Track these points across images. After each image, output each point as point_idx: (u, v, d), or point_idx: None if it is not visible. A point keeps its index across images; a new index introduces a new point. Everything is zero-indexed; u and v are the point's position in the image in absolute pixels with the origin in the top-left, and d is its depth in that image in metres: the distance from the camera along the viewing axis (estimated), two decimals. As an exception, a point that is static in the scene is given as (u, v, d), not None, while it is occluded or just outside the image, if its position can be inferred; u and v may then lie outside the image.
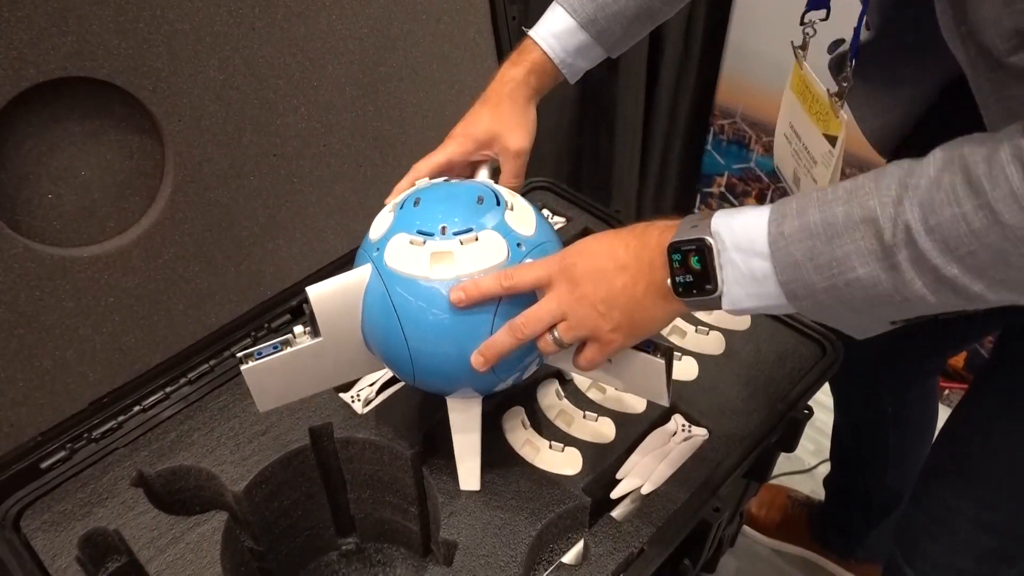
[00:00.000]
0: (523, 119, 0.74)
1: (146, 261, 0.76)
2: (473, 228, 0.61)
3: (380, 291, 0.62)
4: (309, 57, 0.81)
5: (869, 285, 0.47)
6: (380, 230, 0.65)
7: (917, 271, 0.46)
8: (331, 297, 0.62)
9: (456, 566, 0.68)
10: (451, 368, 0.63)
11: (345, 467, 0.80)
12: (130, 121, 0.72)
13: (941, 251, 0.44)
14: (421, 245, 0.61)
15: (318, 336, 0.64)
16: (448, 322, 0.60)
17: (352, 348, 0.66)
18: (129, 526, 0.71)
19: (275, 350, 0.64)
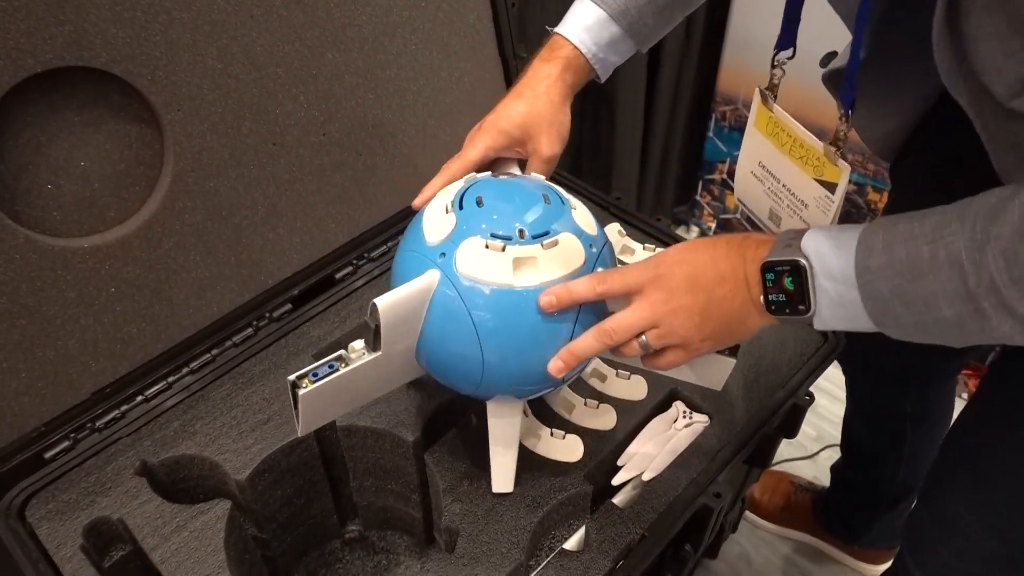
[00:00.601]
0: (558, 119, 0.72)
1: (147, 251, 0.76)
2: (551, 231, 0.59)
3: (452, 300, 0.59)
4: (308, 45, 0.80)
5: (955, 323, 0.48)
6: (441, 233, 0.61)
7: (1003, 316, 0.46)
8: (398, 308, 0.59)
9: (458, 553, 0.68)
10: (523, 376, 0.62)
11: (347, 455, 0.81)
12: (129, 111, 0.71)
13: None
14: (500, 251, 0.58)
15: (378, 350, 0.60)
16: (530, 331, 0.59)
17: (403, 360, 0.63)
18: (133, 515, 0.71)
19: (331, 369, 0.60)
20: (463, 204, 0.62)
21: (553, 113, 0.72)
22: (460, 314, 0.58)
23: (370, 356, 0.60)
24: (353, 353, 0.60)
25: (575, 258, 0.59)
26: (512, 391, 0.65)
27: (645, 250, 0.94)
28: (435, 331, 0.60)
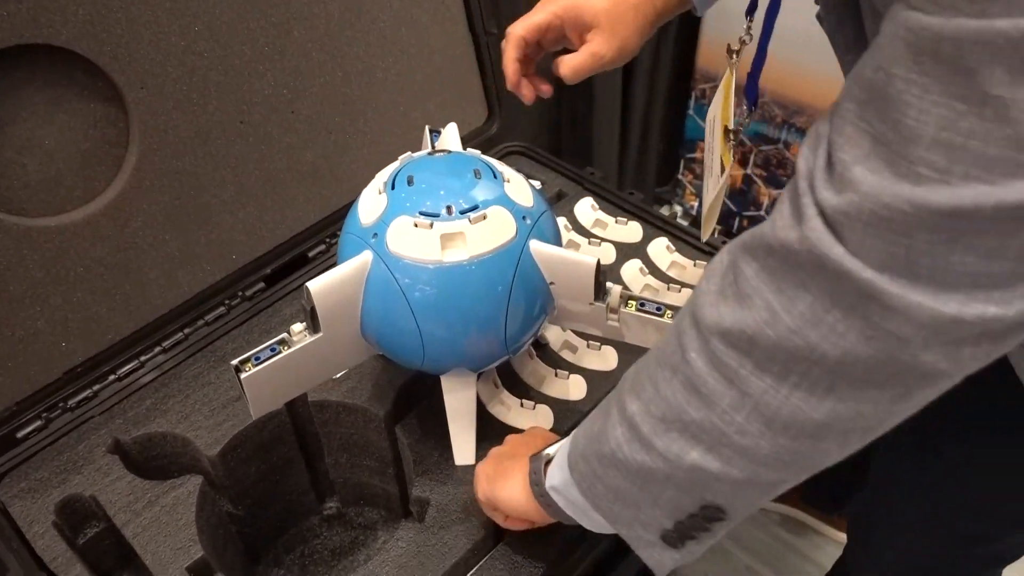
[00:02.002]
0: (631, 38, 0.69)
1: (115, 230, 0.76)
2: (479, 205, 0.60)
3: (386, 280, 0.59)
4: (273, 22, 0.80)
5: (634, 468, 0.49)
6: (373, 214, 0.61)
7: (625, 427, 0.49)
8: (332, 290, 0.60)
9: (428, 522, 0.69)
10: (464, 349, 0.63)
11: (321, 431, 0.81)
12: (92, 89, 0.71)
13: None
14: (428, 228, 0.58)
15: (318, 332, 0.61)
16: (463, 304, 0.60)
17: (349, 339, 0.64)
18: (105, 492, 0.71)
19: (273, 352, 0.61)
20: (395, 184, 0.62)
21: (627, 28, 0.68)
22: (394, 292, 0.59)
23: (311, 338, 0.61)
24: (295, 335, 0.61)
25: (505, 231, 0.60)
26: (458, 364, 0.65)
27: (617, 223, 0.94)
28: (374, 310, 0.61)
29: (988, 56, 0.31)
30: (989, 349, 0.37)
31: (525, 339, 0.65)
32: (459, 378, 0.69)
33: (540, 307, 0.64)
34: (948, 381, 0.39)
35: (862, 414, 0.40)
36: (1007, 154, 0.31)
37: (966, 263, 0.34)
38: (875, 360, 0.37)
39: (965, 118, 0.32)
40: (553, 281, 0.63)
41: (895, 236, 0.34)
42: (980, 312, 0.34)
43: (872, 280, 0.36)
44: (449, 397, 0.70)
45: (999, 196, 0.32)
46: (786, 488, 0.47)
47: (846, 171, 0.36)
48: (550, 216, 0.66)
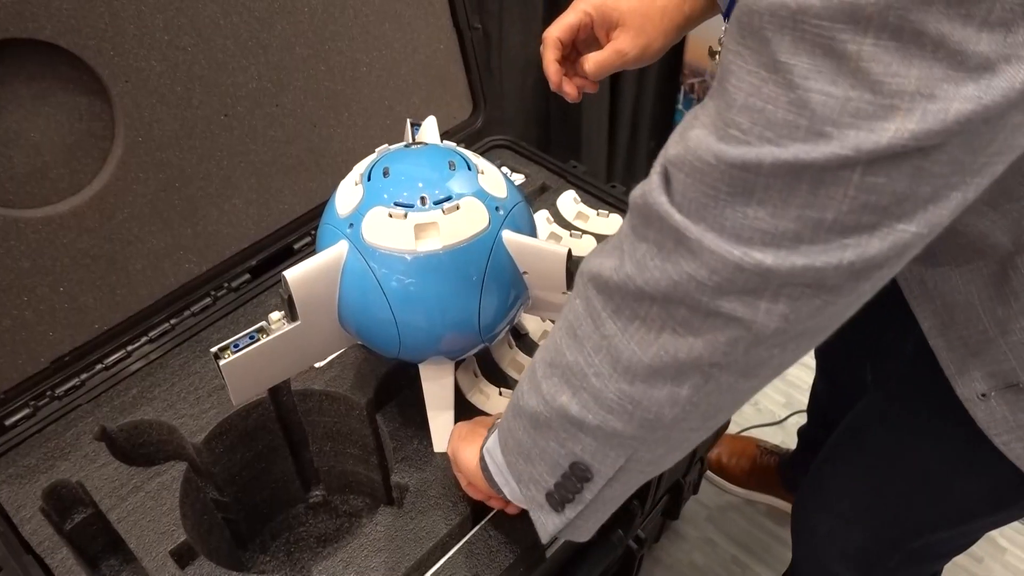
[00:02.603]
0: (658, 39, 0.71)
1: (100, 222, 0.77)
2: (452, 196, 0.61)
3: (361, 269, 0.61)
4: (256, 16, 0.81)
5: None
6: (350, 205, 0.63)
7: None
8: (308, 279, 0.61)
9: (407, 507, 0.70)
10: (439, 337, 0.64)
11: (305, 420, 0.82)
12: (78, 83, 0.73)
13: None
14: (403, 218, 0.60)
15: (295, 320, 0.62)
16: (437, 293, 0.61)
17: (327, 328, 0.66)
18: (91, 478, 0.73)
19: (251, 340, 0.62)
20: (371, 176, 0.64)
21: (654, 28, 0.71)
22: (370, 282, 0.61)
23: (290, 326, 0.62)
24: (273, 324, 0.62)
25: (478, 221, 0.61)
26: (434, 353, 0.66)
27: (599, 216, 0.96)
28: (351, 299, 0.63)
29: (777, 25, 0.34)
30: (784, 310, 0.39)
31: (500, 328, 0.66)
32: (437, 367, 0.70)
33: (514, 296, 0.65)
34: (756, 343, 0.40)
35: (681, 359, 0.42)
36: (789, 117, 0.35)
37: (758, 218, 0.37)
38: (685, 304, 0.41)
39: (766, 85, 0.35)
40: (526, 271, 0.64)
41: (704, 187, 0.38)
42: (757, 261, 0.37)
43: (680, 224, 0.39)
44: (427, 385, 0.71)
45: (776, 154, 0.35)
46: (648, 462, 0.49)
47: (688, 131, 0.40)
48: (524, 207, 0.67)
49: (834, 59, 0.33)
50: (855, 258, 0.36)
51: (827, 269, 0.37)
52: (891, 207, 0.35)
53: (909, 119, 0.33)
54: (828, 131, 0.34)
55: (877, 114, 0.33)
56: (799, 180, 0.35)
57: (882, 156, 0.34)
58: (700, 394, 0.43)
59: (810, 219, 0.36)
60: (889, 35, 0.32)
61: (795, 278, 0.37)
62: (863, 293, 0.39)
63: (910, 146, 0.33)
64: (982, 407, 0.58)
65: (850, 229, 0.36)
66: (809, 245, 0.36)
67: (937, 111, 0.33)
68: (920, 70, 0.32)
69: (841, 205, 0.35)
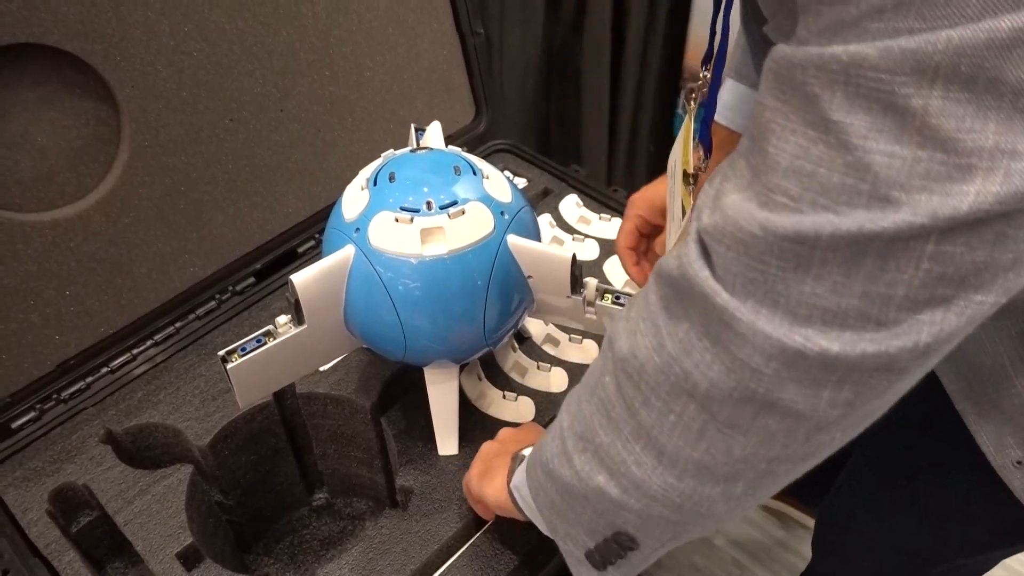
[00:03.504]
0: None
1: (106, 226, 0.77)
2: (458, 200, 0.62)
3: (368, 273, 0.61)
4: (262, 22, 0.82)
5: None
6: (356, 209, 0.63)
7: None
8: (315, 283, 0.61)
9: (411, 510, 0.71)
10: (444, 340, 0.64)
11: (308, 423, 0.83)
12: (84, 87, 0.73)
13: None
14: (409, 223, 0.60)
15: (302, 324, 0.63)
16: (443, 297, 0.61)
17: (333, 332, 0.66)
18: (97, 481, 0.73)
19: (259, 343, 0.62)
20: (377, 181, 0.64)
21: None
22: (376, 285, 0.61)
23: (296, 330, 0.63)
24: (280, 327, 0.63)
25: (483, 226, 0.62)
26: (439, 356, 0.67)
27: (601, 220, 0.96)
28: (357, 303, 0.63)
29: (827, 80, 0.31)
30: (850, 397, 0.35)
31: (505, 331, 0.67)
32: (442, 370, 0.71)
33: (519, 300, 0.66)
34: (817, 431, 0.37)
35: (735, 458, 0.39)
36: (847, 182, 0.31)
37: (817, 295, 0.33)
38: (736, 393, 0.37)
39: (816, 145, 0.32)
40: (531, 275, 0.64)
41: (750, 260, 0.34)
42: (823, 348, 0.33)
43: (726, 304, 0.35)
44: (432, 389, 0.72)
45: (835, 224, 0.32)
46: (698, 534, 0.46)
47: (722, 196, 0.36)
48: (529, 212, 0.68)
49: (896, 116, 0.29)
50: (931, 339, 0.33)
51: (902, 354, 0.33)
52: (968, 278, 0.32)
53: (991, 180, 0.29)
54: (896, 196, 0.30)
55: (953, 176, 0.29)
56: (864, 253, 0.32)
57: (961, 224, 0.30)
58: (758, 486, 0.40)
59: (877, 296, 0.32)
60: (960, 86, 0.28)
61: (865, 365, 0.34)
62: (928, 369, 0.36)
63: (995, 211, 0.30)
64: (1018, 476, 0.54)
65: (922, 304, 0.32)
66: (877, 326, 0.33)
67: (1022, 170, 0.29)
68: (998, 124, 0.29)
69: (912, 280, 0.32)
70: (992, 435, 0.54)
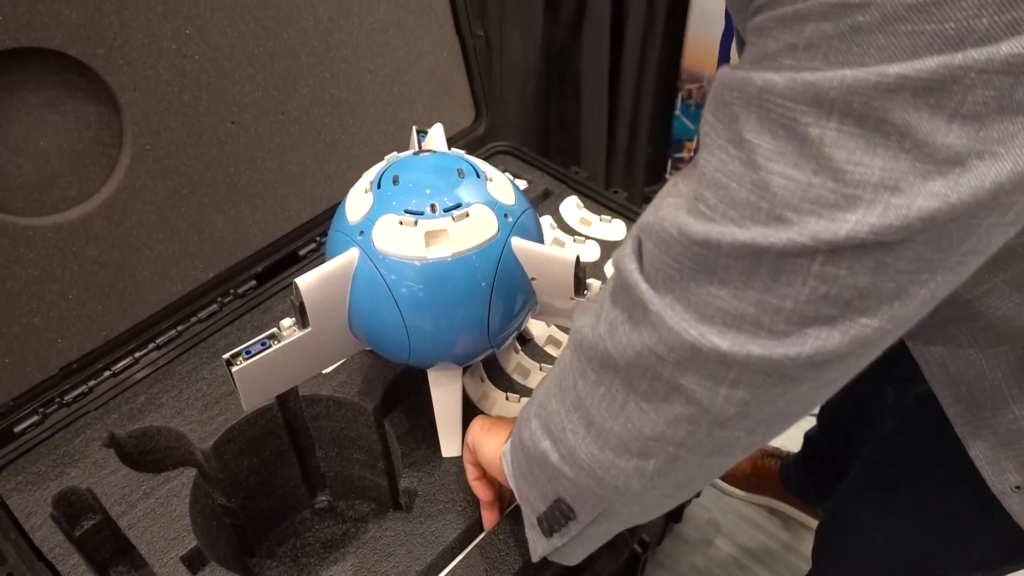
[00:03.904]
0: None
1: (109, 229, 0.77)
2: (462, 203, 0.62)
3: (372, 276, 0.61)
4: (263, 25, 0.82)
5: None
6: (360, 212, 0.63)
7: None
8: (320, 286, 0.61)
9: (415, 512, 0.71)
10: (449, 343, 0.64)
11: (312, 425, 0.83)
12: (86, 91, 0.73)
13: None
14: (413, 225, 0.60)
15: (307, 327, 0.63)
16: (447, 299, 0.61)
17: (338, 335, 0.66)
18: (101, 484, 0.73)
19: (263, 347, 0.62)
20: (381, 183, 0.64)
21: None
22: (380, 288, 0.61)
23: (301, 333, 0.62)
24: (284, 331, 0.63)
25: (487, 228, 0.62)
26: (443, 358, 0.67)
27: (601, 222, 0.96)
28: (361, 306, 0.63)
29: (744, 102, 0.33)
30: (745, 396, 0.38)
31: (509, 333, 0.67)
32: (445, 372, 0.71)
33: (523, 302, 0.66)
34: (717, 425, 0.39)
35: (647, 435, 0.42)
36: (751, 199, 0.34)
37: (720, 298, 0.36)
38: (647, 377, 0.40)
39: (732, 162, 0.34)
40: (535, 277, 0.64)
41: (669, 259, 0.38)
42: (714, 345, 0.36)
43: (642, 295, 0.39)
44: (436, 391, 0.72)
45: (735, 235, 0.34)
46: (627, 516, 0.49)
47: (664, 198, 0.39)
48: (532, 214, 0.68)
49: (796, 142, 0.32)
50: (813, 352, 0.35)
51: (784, 361, 0.36)
52: (853, 301, 0.34)
53: (871, 212, 0.31)
54: (788, 216, 0.33)
55: (838, 204, 0.32)
56: (758, 264, 0.34)
57: (841, 248, 0.32)
58: (667, 469, 0.43)
59: (769, 305, 0.35)
60: (853, 122, 0.30)
61: (752, 367, 0.36)
62: (830, 381, 0.38)
63: (870, 240, 0.32)
64: (1017, 500, 0.55)
65: (809, 320, 0.35)
66: (768, 333, 0.35)
67: (900, 206, 0.31)
68: (885, 161, 0.31)
69: (799, 295, 0.34)
70: (990, 460, 0.55)
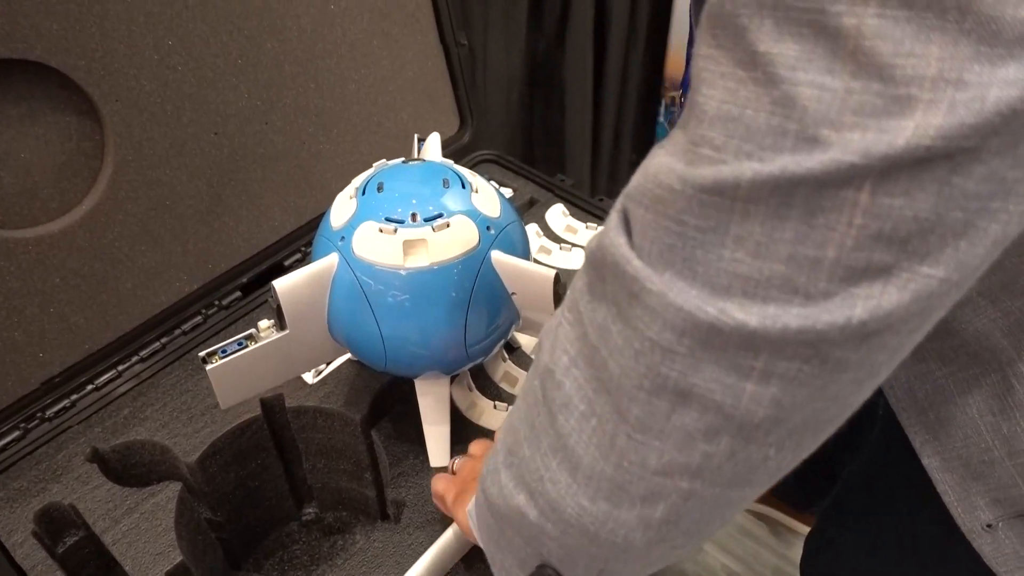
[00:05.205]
0: None
1: (91, 241, 0.77)
2: (443, 213, 0.61)
3: (350, 282, 0.61)
4: (246, 35, 0.82)
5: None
6: (343, 217, 0.64)
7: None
8: (298, 290, 0.61)
9: (404, 522, 0.70)
10: (425, 353, 0.64)
11: (298, 437, 0.82)
12: (68, 103, 0.72)
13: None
14: (392, 233, 0.60)
15: (284, 329, 0.63)
16: (423, 310, 0.61)
17: (317, 337, 0.66)
18: (84, 500, 0.72)
19: (240, 347, 0.63)
20: (365, 190, 0.64)
21: None
22: (357, 295, 0.61)
23: (278, 335, 0.63)
24: (262, 332, 0.63)
25: (468, 240, 0.61)
26: (417, 368, 0.67)
27: (588, 229, 0.97)
28: (339, 311, 0.63)
29: (755, 8, 0.26)
30: (776, 393, 0.30)
31: (487, 346, 0.67)
32: (432, 382, 0.70)
33: (502, 316, 0.66)
34: (743, 438, 0.32)
35: (651, 470, 0.33)
36: (773, 121, 0.27)
37: (737, 260, 0.28)
38: (647, 383, 0.32)
39: (744, 86, 0.27)
40: (515, 292, 0.64)
41: (668, 221, 0.30)
42: (740, 322, 0.29)
43: (637, 273, 0.31)
44: (423, 400, 0.71)
45: (756, 169, 0.27)
46: (632, 573, 0.39)
47: (650, 159, 0.32)
48: (517, 228, 0.68)
49: (827, 40, 0.25)
50: (867, 315, 0.28)
51: (831, 332, 0.28)
52: (912, 240, 0.27)
53: (933, 113, 0.25)
54: (824, 134, 0.26)
55: (889, 109, 0.25)
56: (789, 203, 0.27)
57: (898, 165, 0.25)
58: (679, 513, 0.34)
59: (805, 259, 0.27)
60: (897, 2, 0.24)
61: (788, 346, 0.29)
62: (878, 365, 0.30)
63: (936, 149, 0.25)
64: (988, 540, 0.49)
65: (858, 273, 0.27)
66: (805, 297, 0.28)
67: (970, 100, 0.24)
68: (942, 48, 0.24)
69: (844, 238, 0.27)
70: (960, 496, 0.49)
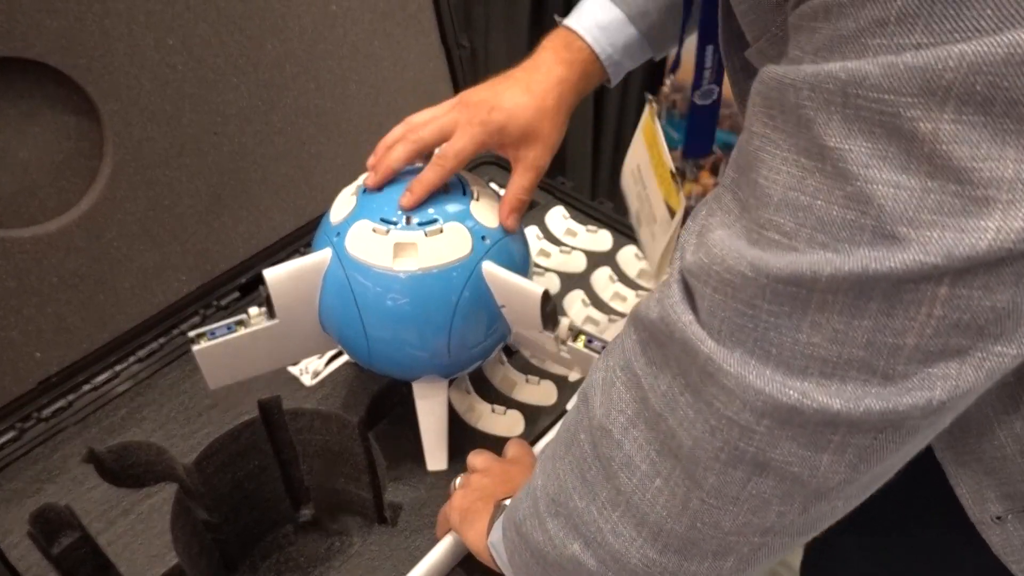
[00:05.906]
0: (558, 132, 0.65)
1: (89, 241, 0.76)
2: (439, 219, 0.61)
3: (340, 277, 0.62)
4: (247, 35, 0.81)
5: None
6: (341, 214, 0.64)
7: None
8: (288, 280, 0.62)
9: (401, 525, 0.70)
10: (408, 356, 0.64)
11: (295, 439, 0.82)
12: (67, 102, 0.72)
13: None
14: (384, 234, 0.60)
15: (273, 318, 0.63)
16: (409, 312, 0.61)
17: (308, 329, 0.66)
18: (80, 501, 0.72)
19: (229, 331, 0.63)
20: (366, 188, 0.65)
21: (556, 125, 0.65)
22: (345, 292, 0.61)
23: (268, 323, 0.63)
24: (252, 318, 0.64)
25: (460, 248, 0.61)
26: (401, 370, 0.67)
27: (588, 232, 0.96)
28: (329, 305, 0.64)
29: (823, 103, 0.27)
30: (853, 460, 0.31)
31: (473, 356, 0.66)
32: (430, 384, 0.70)
33: (490, 328, 0.65)
34: (816, 498, 0.33)
35: (725, 531, 0.35)
36: (848, 216, 0.27)
37: (814, 344, 0.29)
38: (723, 455, 0.32)
39: (812, 175, 0.28)
40: (504, 304, 0.64)
41: (739, 304, 0.30)
42: (823, 405, 0.29)
43: (712, 354, 0.31)
44: (421, 403, 0.71)
45: (836, 264, 0.28)
46: None
47: (707, 232, 0.33)
48: (517, 240, 0.67)
49: (901, 140, 0.26)
50: (946, 395, 0.29)
51: (913, 412, 0.29)
52: (988, 326, 0.28)
53: (1013, 215, 0.25)
54: (903, 232, 0.26)
55: (968, 209, 0.26)
56: (868, 296, 0.28)
57: (979, 264, 0.26)
58: (748, 562, 0.36)
59: (884, 345, 0.28)
60: (975, 108, 0.25)
61: (869, 424, 0.30)
62: (942, 426, 0.32)
63: (1018, 249, 0.26)
64: (997, 531, 0.51)
65: (936, 356, 0.28)
66: (883, 379, 0.29)
67: None
68: (1018, 150, 0.25)
69: (924, 328, 0.28)
70: (972, 489, 0.51)
